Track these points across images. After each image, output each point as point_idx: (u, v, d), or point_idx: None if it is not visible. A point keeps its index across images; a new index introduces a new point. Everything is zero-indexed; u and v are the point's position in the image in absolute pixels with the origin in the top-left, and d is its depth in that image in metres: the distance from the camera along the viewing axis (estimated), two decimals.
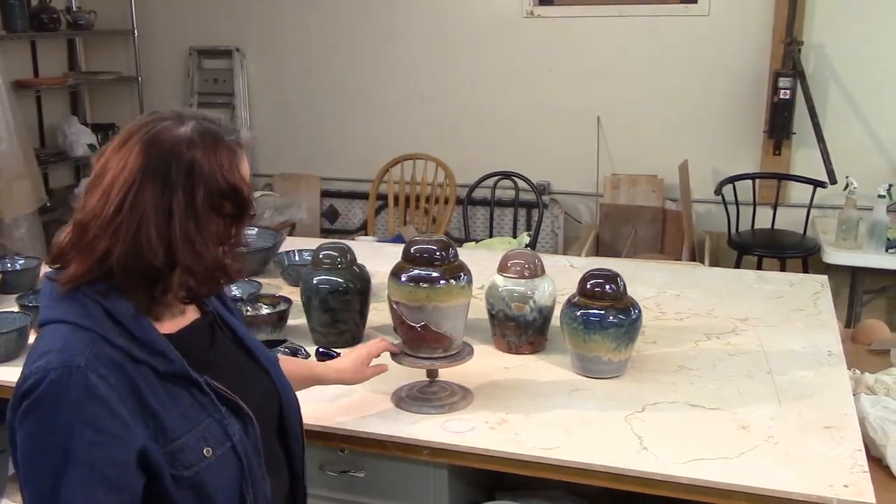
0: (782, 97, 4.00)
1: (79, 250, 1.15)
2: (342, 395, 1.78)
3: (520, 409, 1.73)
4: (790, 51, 3.97)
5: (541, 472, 1.58)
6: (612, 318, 1.80)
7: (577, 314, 1.83)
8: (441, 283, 1.63)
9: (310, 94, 4.92)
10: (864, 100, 4.06)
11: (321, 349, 1.97)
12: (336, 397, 1.77)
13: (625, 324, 1.81)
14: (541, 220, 4.19)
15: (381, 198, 4.75)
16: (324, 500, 1.76)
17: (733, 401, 1.75)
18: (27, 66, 4.85)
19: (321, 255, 2.06)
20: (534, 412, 1.71)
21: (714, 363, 1.94)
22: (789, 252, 3.94)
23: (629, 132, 4.42)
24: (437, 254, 1.66)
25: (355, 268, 2.06)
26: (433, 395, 1.75)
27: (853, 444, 1.58)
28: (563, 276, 2.24)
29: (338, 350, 1.94)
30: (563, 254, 4.29)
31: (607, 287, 1.84)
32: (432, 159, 4.61)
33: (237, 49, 4.99)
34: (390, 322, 1.74)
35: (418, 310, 1.64)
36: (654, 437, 1.61)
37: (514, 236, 4.24)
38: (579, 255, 3.77)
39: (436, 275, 1.64)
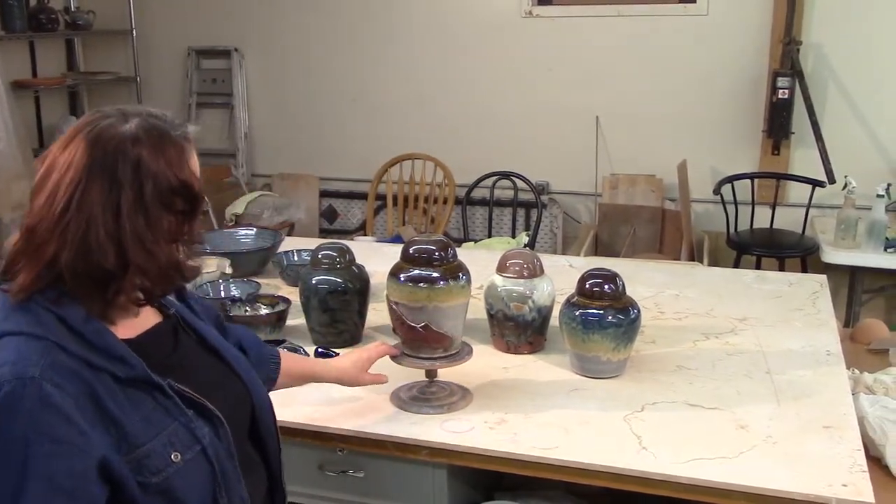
0: (781, 97, 4.00)
1: (28, 257, 1.11)
2: (342, 396, 1.78)
3: (519, 409, 1.73)
4: (789, 50, 3.97)
5: (540, 472, 1.58)
6: (610, 317, 1.80)
7: (576, 314, 1.83)
8: (441, 283, 1.63)
9: (308, 95, 4.92)
10: (863, 99, 4.06)
11: (320, 349, 1.97)
12: (336, 398, 1.77)
13: (624, 324, 1.81)
14: (539, 220, 4.19)
15: (380, 198, 4.75)
16: (323, 500, 1.76)
17: (732, 400, 1.75)
18: (26, 66, 4.85)
19: (320, 256, 2.06)
20: (533, 412, 1.71)
21: (713, 363, 1.94)
22: (788, 252, 3.94)
23: (628, 132, 4.42)
24: (436, 254, 1.66)
25: (354, 268, 2.06)
26: (432, 396, 1.75)
27: (852, 444, 1.58)
28: (561, 276, 2.24)
29: (336, 350, 1.94)
30: (562, 254, 4.29)
31: (606, 287, 1.84)
32: (431, 159, 4.61)
33: (236, 49, 4.98)
34: (389, 322, 1.74)
35: (419, 310, 1.64)
36: (653, 436, 1.61)
37: (513, 236, 4.24)
38: (578, 255, 3.76)
39: (435, 275, 1.63)
